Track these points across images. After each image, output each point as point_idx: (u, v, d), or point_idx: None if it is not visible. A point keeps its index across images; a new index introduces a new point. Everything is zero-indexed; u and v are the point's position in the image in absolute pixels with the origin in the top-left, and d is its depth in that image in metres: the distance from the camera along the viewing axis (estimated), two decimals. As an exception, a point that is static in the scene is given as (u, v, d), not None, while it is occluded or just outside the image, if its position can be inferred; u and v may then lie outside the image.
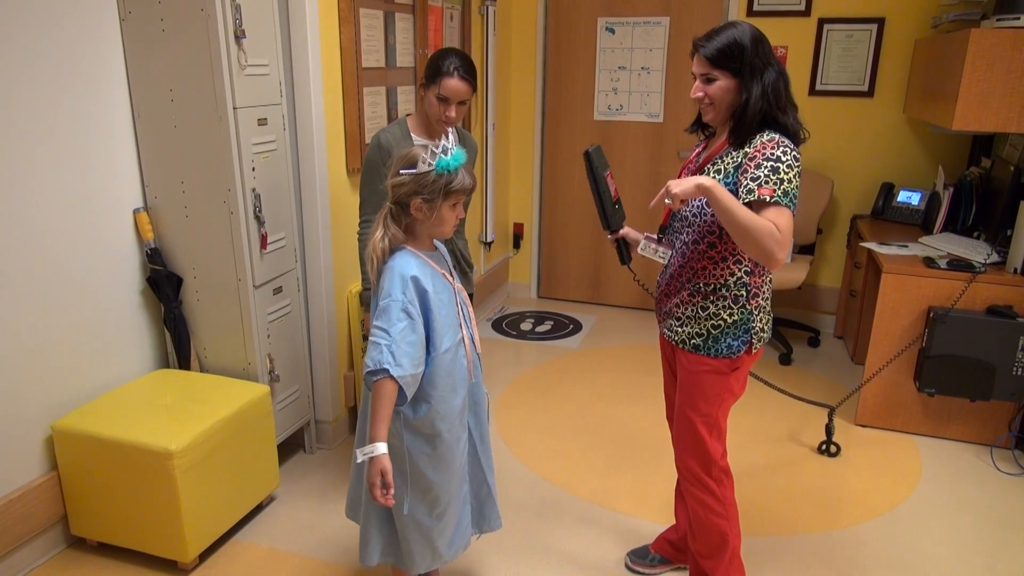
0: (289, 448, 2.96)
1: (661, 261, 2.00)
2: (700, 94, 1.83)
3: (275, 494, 2.70)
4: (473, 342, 1.91)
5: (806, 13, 4.01)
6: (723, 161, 1.84)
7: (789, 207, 1.72)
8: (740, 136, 1.81)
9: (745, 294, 1.89)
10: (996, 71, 2.87)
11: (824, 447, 3.01)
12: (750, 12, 4.07)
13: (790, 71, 4.08)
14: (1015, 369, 2.90)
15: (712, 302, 1.89)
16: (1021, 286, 2.91)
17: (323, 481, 2.80)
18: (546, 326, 4.47)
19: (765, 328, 1.96)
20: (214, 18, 2.22)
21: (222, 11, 2.23)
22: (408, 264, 1.72)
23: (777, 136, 1.78)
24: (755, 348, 1.93)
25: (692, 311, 1.92)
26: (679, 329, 1.96)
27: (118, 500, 2.24)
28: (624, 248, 2.07)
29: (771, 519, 2.61)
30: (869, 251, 3.44)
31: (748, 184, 1.74)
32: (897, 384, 3.16)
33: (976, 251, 3.13)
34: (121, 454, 2.17)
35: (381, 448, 1.66)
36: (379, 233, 1.74)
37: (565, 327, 4.46)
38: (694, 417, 1.96)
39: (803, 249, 4.09)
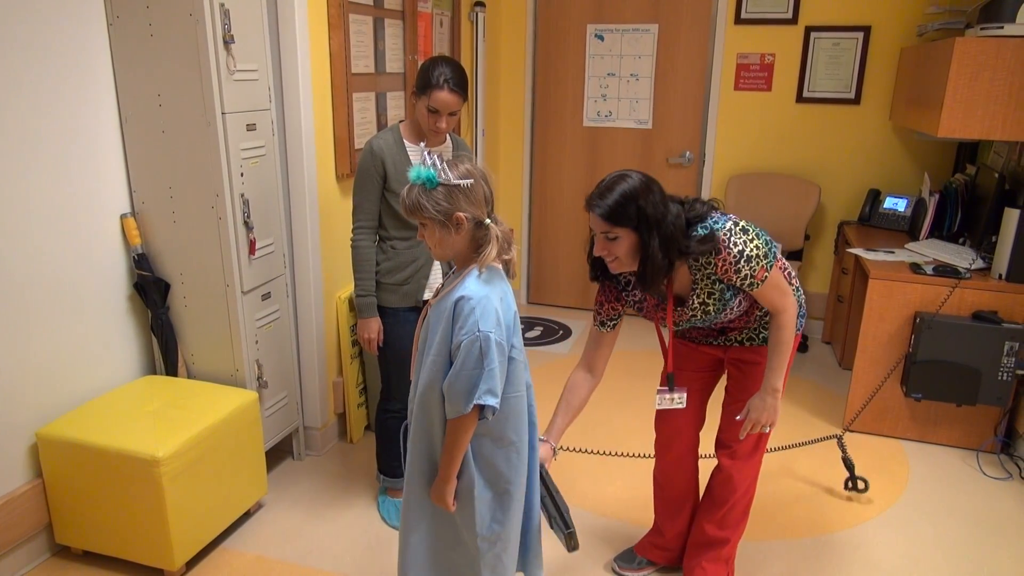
0: (277, 455, 2.95)
1: (680, 406, 2.07)
2: (604, 253, 1.82)
3: (263, 501, 2.68)
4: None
5: (793, 21, 4.04)
6: (700, 288, 1.88)
7: (773, 264, 1.84)
8: (653, 284, 1.82)
9: (791, 286, 2.00)
10: (980, 79, 2.90)
11: (850, 484, 2.77)
12: (738, 19, 4.10)
13: (777, 79, 4.12)
14: (1000, 374, 2.92)
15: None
16: (1006, 292, 2.94)
17: (311, 488, 2.79)
18: (536, 332, 4.47)
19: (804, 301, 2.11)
20: (203, 23, 2.22)
21: (211, 16, 2.22)
22: None
23: (713, 242, 1.79)
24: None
25: (758, 326, 2.04)
26: (749, 334, 2.05)
27: (104, 508, 2.21)
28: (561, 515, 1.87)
29: (760, 523, 2.61)
30: (856, 257, 3.46)
31: (746, 283, 1.83)
32: (884, 389, 3.18)
33: (961, 257, 3.16)
34: (107, 461, 2.15)
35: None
36: None
37: (555, 332, 4.46)
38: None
39: (791, 255, 4.11)
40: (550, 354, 4.12)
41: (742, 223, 1.83)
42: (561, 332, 4.47)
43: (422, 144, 1.77)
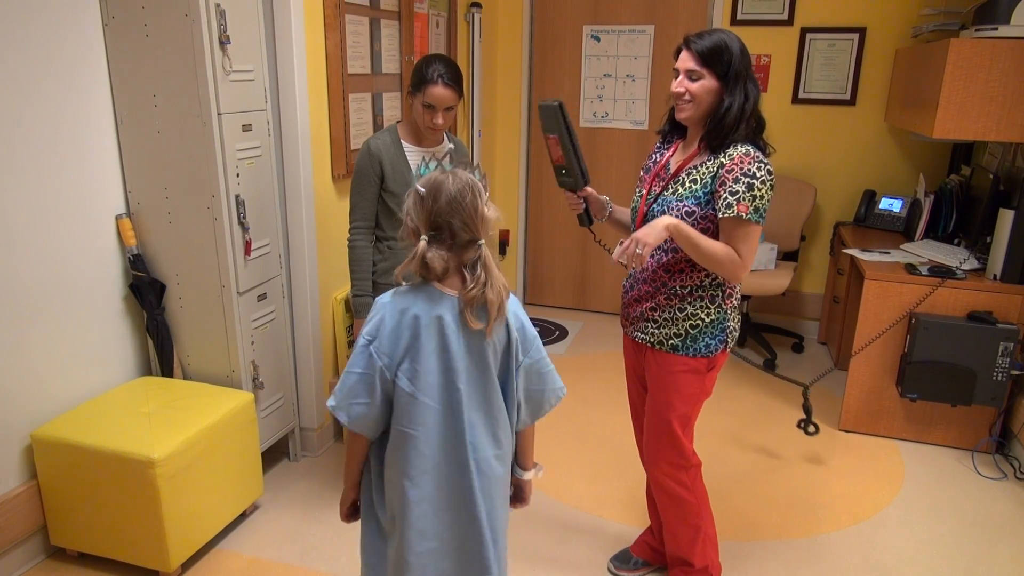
0: (273, 456, 2.94)
1: (635, 266, 2.01)
2: (682, 89, 1.85)
3: (259, 502, 2.67)
4: None
5: (789, 22, 4.05)
6: (698, 170, 1.88)
7: (759, 223, 1.82)
8: (715, 142, 1.85)
9: (721, 294, 1.95)
10: (975, 80, 2.91)
11: (802, 424, 3.00)
12: (733, 21, 4.11)
13: (773, 80, 4.13)
14: (995, 374, 2.93)
15: (689, 303, 1.94)
16: (1001, 292, 2.95)
17: (308, 489, 2.78)
18: (532, 332, 4.46)
19: (736, 328, 2.02)
20: (198, 23, 2.21)
21: (206, 16, 2.22)
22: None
23: (753, 151, 1.83)
24: (729, 347, 1.99)
25: (669, 313, 1.96)
26: (655, 331, 1.99)
27: (99, 509, 2.21)
28: (588, 208, 2.08)
29: (755, 524, 2.62)
30: (852, 258, 3.47)
31: (727, 198, 1.81)
32: (880, 389, 3.18)
33: (956, 258, 3.17)
34: (102, 463, 2.15)
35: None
36: (502, 276, 1.48)
37: (551, 333, 4.46)
38: (671, 417, 2.00)
39: (787, 256, 4.12)
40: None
41: (772, 179, 1.83)
42: (558, 333, 4.47)
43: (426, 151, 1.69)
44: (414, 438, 1.49)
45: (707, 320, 1.94)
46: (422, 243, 1.44)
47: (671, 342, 1.96)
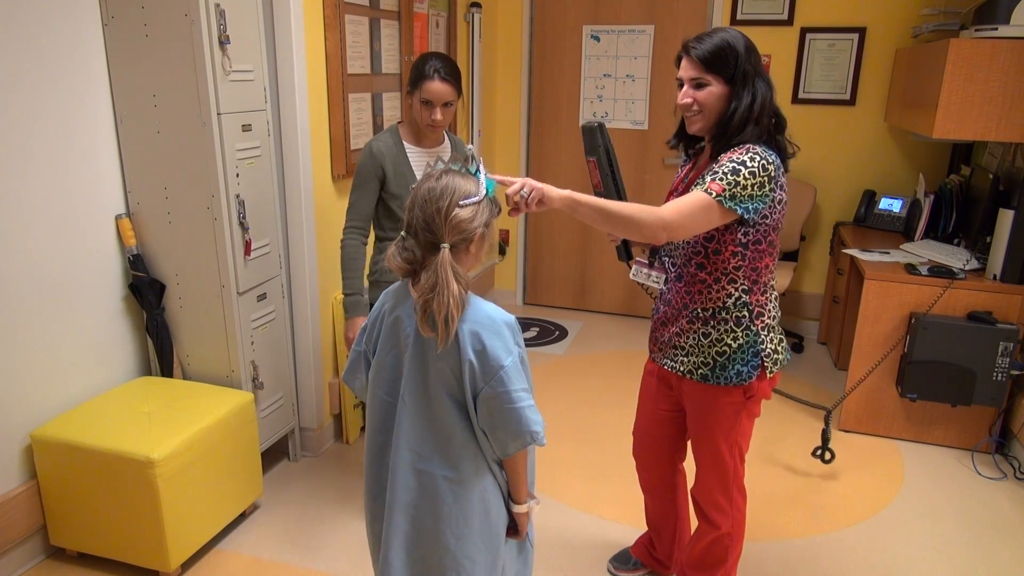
0: (273, 456, 2.94)
1: (655, 286, 1.91)
2: (688, 100, 1.73)
3: (259, 502, 2.67)
4: None
5: (789, 22, 4.05)
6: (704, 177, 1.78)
7: (722, 205, 1.64)
8: (719, 146, 1.74)
9: (748, 315, 1.80)
10: (975, 80, 2.91)
11: (819, 452, 2.88)
12: (733, 21, 4.11)
13: (773, 80, 4.12)
14: (995, 374, 2.93)
15: (713, 327, 1.81)
16: (1000, 292, 2.95)
17: (307, 489, 2.78)
18: (532, 332, 4.47)
19: (779, 349, 1.85)
20: (198, 23, 2.21)
21: (206, 16, 2.22)
22: (498, 308, 1.48)
23: (755, 146, 1.70)
24: (770, 372, 1.82)
25: (694, 339, 1.84)
26: (684, 359, 1.87)
27: (99, 509, 2.21)
28: (626, 242, 1.90)
29: (754, 525, 2.62)
30: (852, 258, 3.47)
31: (706, 178, 1.67)
32: (880, 390, 3.18)
33: (956, 258, 3.17)
34: (102, 463, 2.15)
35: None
36: (456, 286, 1.36)
37: (551, 333, 4.46)
38: (721, 446, 1.88)
39: (787, 256, 4.12)
40: (546, 355, 4.11)
41: (766, 174, 1.67)
42: (557, 333, 4.47)
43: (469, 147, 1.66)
44: (369, 416, 1.59)
45: (734, 345, 1.79)
46: (396, 239, 1.50)
47: (700, 371, 1.83)
